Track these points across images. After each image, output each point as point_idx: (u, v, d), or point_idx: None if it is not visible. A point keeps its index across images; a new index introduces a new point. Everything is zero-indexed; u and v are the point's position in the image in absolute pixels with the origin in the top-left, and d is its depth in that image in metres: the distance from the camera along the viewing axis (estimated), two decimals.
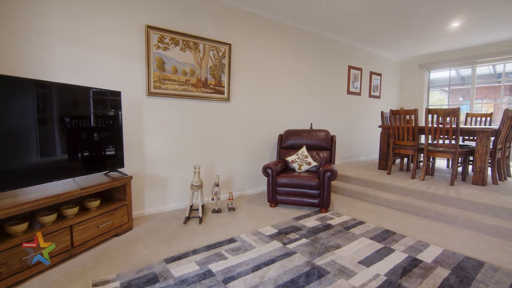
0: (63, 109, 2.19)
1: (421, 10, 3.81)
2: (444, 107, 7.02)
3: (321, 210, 3.21)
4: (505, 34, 4.60)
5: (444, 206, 3.13)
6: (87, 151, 2.38)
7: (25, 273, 1.77)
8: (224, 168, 3.66)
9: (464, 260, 2.12)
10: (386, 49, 5.62)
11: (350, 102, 5.39)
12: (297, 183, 3.23)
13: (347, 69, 5.23)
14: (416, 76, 6.36)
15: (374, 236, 2.54)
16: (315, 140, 3.79)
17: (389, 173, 4.28)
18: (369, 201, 3.65)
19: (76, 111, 2.31)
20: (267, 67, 4.00)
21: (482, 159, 3.57)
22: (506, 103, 5.59)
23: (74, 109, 2.30)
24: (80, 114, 2.34)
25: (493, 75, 8.15)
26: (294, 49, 4.32)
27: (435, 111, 3.69)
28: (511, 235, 2.52)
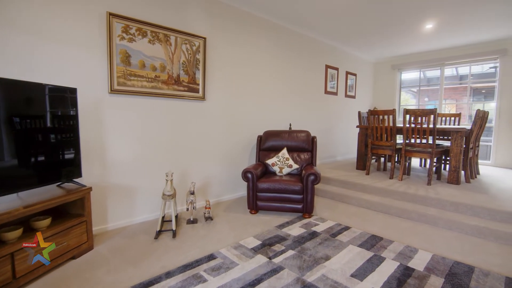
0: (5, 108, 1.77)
1: (395, 12, 3.82)
2: (412, 107, 7.28)
3: (305, 216, 3.05)
4: (472, 38, 4.80)
5: (425, 207, 3.12)
6: (34, 159, 1.98)
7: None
8: (200, 173, 3.36)
9: (455, 266, 2.05)
10: (361, 49, 5.65)
11: (327, 102, 5.33)
12: (279, 188, 3.04)
13: (325, 69, 5.16)
14: (389, 76, 6.50)
15: (362, 243, 2.41)
16: (296, 141, 3.63)
17: (368, 174, 4.26)
18: (351, 203, 3.57)
19: (25, 111, 1.90)
20: (246, 65, 3.76)
21: (456, 159, 3.64)
22: (468, 104, 5.87)
23: (23, 108, 1.89)
24: (28, 114, 1.93)
25: (456, 77, 8.64)
26: (273, 46, 4.12)
27: (413, 112, 3.70)
28: (491, 235, 2.54)
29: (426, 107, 7.51)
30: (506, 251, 2.31)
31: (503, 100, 4.96)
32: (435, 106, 8.51)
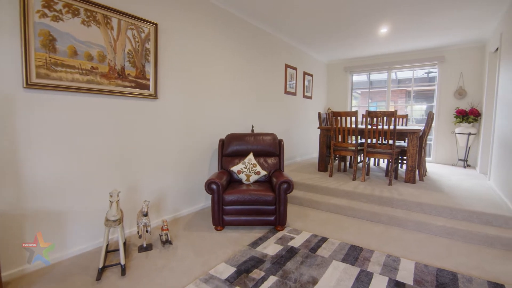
0: None
1: (350, 14, 3.83)
2: (354, 109, 7.66)
3: (277, 228, 2.76)
4: (416, 45, 5.15)
5: (392, 208, 3.12)
6: None
7: None
8: (153, 187, 2.81)
9: (439, 274, 1.99)
10: (317, 50, 5.65)
11: (287, 102, 5.17)
12: (249, 199, 2.69)
13: (284, 68, 4.98)
14: (342, 78, 6.69)
15: (345, 256, 2.23)
16: (262, 145, 3.33)
17: (331, 176, 4.20)
18: (320, 208, 3.42)
19: None
20: (205, 60, 3.31)
21: (413, 158, 3.79)
22: (412, 105, 6.38)
23: None
24: None
25: (394, 81, 9.44)
26: (234, 42, 3.75)
27: (375, 113, 3.73)
28: (456, 234, 2.61)
29: (370, 108, 8.02)
30: (474, 251, 2.36)
31: (442, 102, 5.46)
32: (376, 107, 9.20)
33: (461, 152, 5.25)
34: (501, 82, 3.52)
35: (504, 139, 3.22)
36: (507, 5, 3.30)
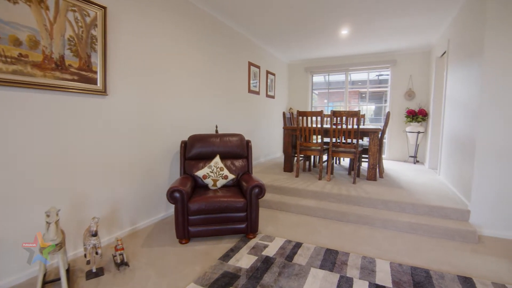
0: None
1: (311, 17, 3.87)
2: (314, 109, 7.87)
3: (249, 236, 2.57)
4: (372, 48, 5.40)
5: (360, 207, 3.16)
6: None
7: None
8: (103, 199, 2.40)
9: (413, 273, 2.00)
10: (279, 49, 5.60)
11: (250, 102, 5.01)
12: (217, 207, 2.45)
13: (248, 66, 4.81)
14: (302, 78, 6.76)
15: (322, 262, 2.13)
16: (229, 146, 3.10)
17: (297, 176, 4.15)
18: (290, 211, 3.32)
19: None
20: (164, 54, 2.96)
21: (374, 157, 3.92)
22: (355, 105, 6.72)
23: None
24: None
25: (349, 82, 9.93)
26: (198, 35, 3.45)
27: (340, 113, 3.76)
28: (420, 229, 2.72)
29: (326, 108, 8.30)
30: (439, 245, 2.46)
31: (394, 103, 5.82)
32: (333, 107, 9.59)
33: (411, 149, 5.66)
34: (449, 84, 3.82)
35: (453, 137, 3.48)
36: (454, 14, 3.58)
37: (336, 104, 9.59)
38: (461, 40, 3.35)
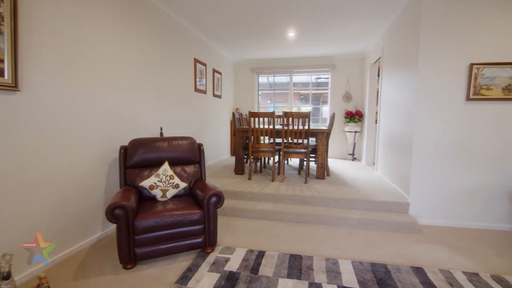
0: None
1: (258, 18, 3.83)
2: (260, 109, 7.94)
3: (207, 251, 2.32)
4: (315, 52, 5.65)
5: (315, 207, 3.20)
6: None
7: None
8: (18, 226, 1.85)
9: (374, 269, 2.07)
10: (226, 47, 5.41)
11: (197, 101, 4.69)
12: (170, 222, 2.14)
13: (194, 63, 4.48)
14: (248, 79, 6.69)
15: (288, 271, 2.04)
16: (179, 151, 2.79)
17: (250, 178, 4.03)
18: (246, 216, 3.17)
19: None
20: (100, 43, 2.47)
21: (322, 156, 4.06)
22: (296, 107, 7.03)
23: None
24: None
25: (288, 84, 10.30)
26: (140, 26, 3.00)
27: (291, 114, 3.78)
28: (370, 224, 2.88)
29: (269, 109, 8.46)
30: (388, 238, 2.63)
31: (333, 104, 6.21)
32: (275, 108, 9.83)
33: (350, 148, 6.13)
34: (384, 88, 4.20)
35: (390, 136, 3.84)
36: (388, 24, 3.94)
37: (278, 105, 9.87)
38: (395, 49, 3.70)
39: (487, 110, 2.77)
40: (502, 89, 2.67)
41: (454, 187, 2.91)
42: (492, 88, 2.68)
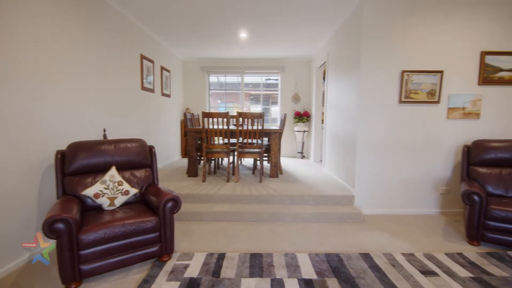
0: None
1: (212, 17, 3.78)
2: (207, 109, 7.84)
3: (163, 259, 2.19)
4: (266, 53, 5.77)
5: (271, 205, 3.28)
6: None
7: None
8: None
9: (329, 259, 2.21)
10: (174, 44, 5.18)
11: (144, 101, 4.40)
12: (122, 232, 1.97)
13: (140, 59, 4.18)
14: (199, 78, 6.52)
15: (250, 270, 2.05)
16: (128, 155, 2.57)
17: (204, 180, 3.94)
18: (203, 219, 3.09)
19: None
20: (32, 30, 2.11)
21: (276, 156, 4.19)
22: (247, 107, 7.18)
23: None
24: None
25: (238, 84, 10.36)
26: (80, 17, 2.65)
27: (245, 115, 3.81)
28: (322, 217, 3.07)
29: (219, 109, 8.41)
30: (338, 229, 2.85)
31: (283, 105, 6.45)
32: (226, 108, 9.80)
33: (299, 146, 6.44)
34: (329, 90, 4.52)
35: (336, 135, 4.15)
36: (334, 30, 4.24)
37: (229, 105, 9.86)
38: (339, 54, 4.01)
39: (415, 111, 3.19)
40: (426, 94, 3.11)
41: (390, 179, 3.29)
42: (419, 92, 3.11)
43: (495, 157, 2.84)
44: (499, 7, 3.03)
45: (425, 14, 3.05)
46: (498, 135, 3.16)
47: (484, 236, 2.47)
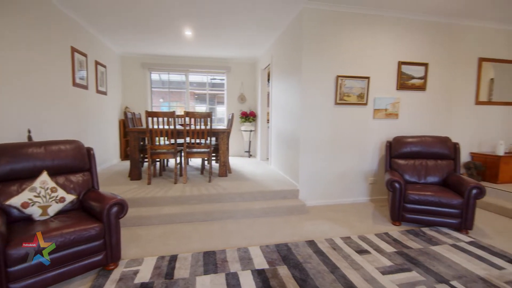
0: None
1: (156, 11, 3.64)
2: (149, 108, 7.49)
3: (109, 267, 2.05)
4: (212, 53, 5.75)
5: (221, 204, 3.32)
6: None
7: None
8: None
9: (278, 249, 2.37)
10: (111, 37, 4.78)
11: (77, 98, 3.97)
12: (61, 243, 1.77)
13: (71, 52, 3.76)
14: (139, 75, 6.13)
15: (204, 268, 2.07)
16: (61, 158, 2.32)
17: (150, 183, 3.76)
18: (152, 223, 2.96)
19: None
20: None
21: (224, 155, 4.24)
22: (193, 106, 7.12)
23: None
24: None
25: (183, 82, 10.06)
26: None
27: (193, 114, 3.76)
28: (270, 212, 3.25)
29: (161, 108, 8.08)
30: (286, 221, 3.05)
31: (230, 105, 6.52)
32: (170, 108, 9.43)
33: (246, 145, 6.60)
34: (274, 92, 4.76)
35: (281, 135, 4.40)
36: (277, 35, 4.47)
37: (173, 105, 9.49)
38: (282, 58, 4.26)
39: (347, 112, 3.60)
40: (357, 96, 3.55)
41: (329, 173, 3.65)
42: (351, 95, 3.52)
43: (410, 150, 3.40)
44: (411, 24, 3.63)
45: (354, 27, 3.47)
46: (412, 132, 3.79)
47: (404, 217, 2.94)
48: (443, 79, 3.84)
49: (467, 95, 3.99)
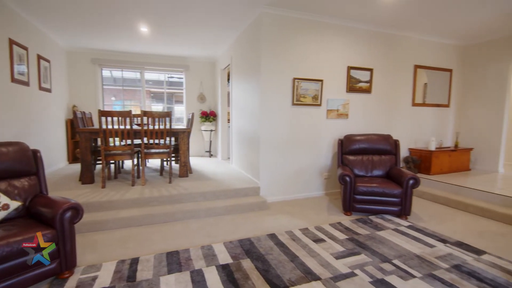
0: None
1: (108, 6, 3.46)
2: (100, 107, 7.06)
3: (64, 276, 1.93)
4: (170, 51, 5.60)
5: (183, 204, 3.30)
6: None
7: None
8: None
9: (241, 244, 2.46)
10: (55, 29, 4.38)
11: (17, 95, 3.58)
12: (7, 253, 1.63)
13: (9, 44, 3.37)
14: (89, 71, 5.69)
15: (168, 267, 2.07)
16: (2, 161, 2.11)
17: (104, 186, 3.57)
18: (108, 228, 2.82)
19: None
20: None
21: (184, 155, 4.19)
22: (149, 105, 6.90)
23: None
24: None
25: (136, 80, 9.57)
26: None
27: (151, 114, 3.65)
28: (233, 209, 3.32)
29: (113, 107, 7.64)
30: (247, 218, 3.15)
31: (189, 104, 6.42)
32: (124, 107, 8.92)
33: (207, 145, 6.56)
34: (234, 92, 4.83)
35: (242, 134, 4.49)
36: (236, 36, 4.54)
37: (127, 104, 8.98)
38: (242, 59, 4.35)
39: (303, 112, 3.84)
40: (312, 98, 3.80)
41: (288, 170, 3.85)
42: (306, 96, 3.76)
43: (359, 147, 3.75)
44: (358, 32, 4.00)
45: (309, 31, 3.71)
46: (360, 130, 4.17)
47: (354, 207, 3.25)
48: (385, 83, 4.31)
49: (405, 97, 4.53)
